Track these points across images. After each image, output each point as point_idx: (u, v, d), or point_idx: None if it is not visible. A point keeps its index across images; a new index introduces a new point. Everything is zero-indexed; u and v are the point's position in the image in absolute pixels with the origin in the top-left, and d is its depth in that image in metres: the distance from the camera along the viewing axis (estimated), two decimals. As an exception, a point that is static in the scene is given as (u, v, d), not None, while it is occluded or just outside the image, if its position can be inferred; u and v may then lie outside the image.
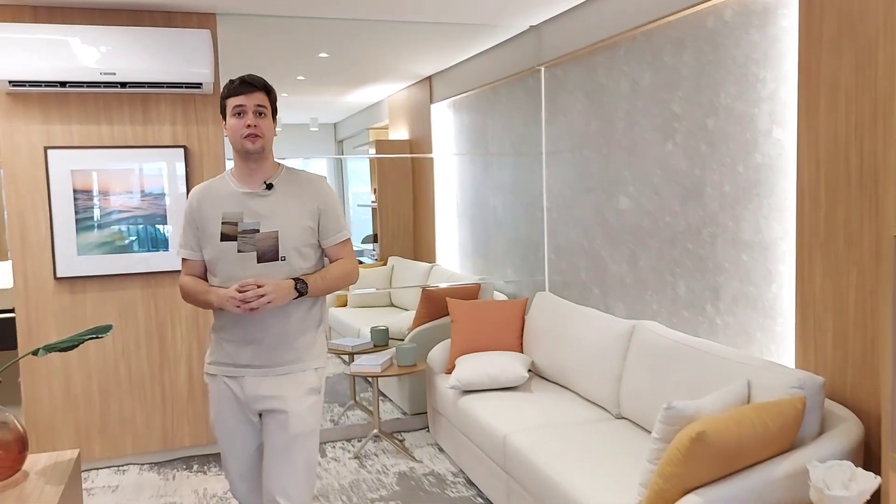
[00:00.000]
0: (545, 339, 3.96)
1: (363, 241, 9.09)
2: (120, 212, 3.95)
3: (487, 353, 4.02)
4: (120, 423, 4.04)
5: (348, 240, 2.49)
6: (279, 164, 2.49)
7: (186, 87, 3.88)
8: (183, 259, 2.52)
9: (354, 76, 6.55)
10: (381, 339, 4.73)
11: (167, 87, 3.86)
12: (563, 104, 4.44)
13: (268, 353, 2.39)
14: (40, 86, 3.67)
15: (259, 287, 2.25)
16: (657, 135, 3.56)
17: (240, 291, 2.25)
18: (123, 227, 3.96)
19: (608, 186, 3.99)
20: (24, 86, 3.65)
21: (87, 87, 3.74)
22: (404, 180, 7.26)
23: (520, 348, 4.16)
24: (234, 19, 4.16)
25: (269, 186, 2.40)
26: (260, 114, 2.35)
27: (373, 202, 7.65)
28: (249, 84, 2.36)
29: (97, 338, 2.51)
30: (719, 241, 3.18)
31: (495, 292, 5.28)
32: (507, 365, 3.76)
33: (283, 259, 2.36)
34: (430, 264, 6.15)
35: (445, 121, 6.41)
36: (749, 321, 3.03)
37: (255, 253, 2.35)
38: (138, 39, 3.74)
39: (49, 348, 2.48)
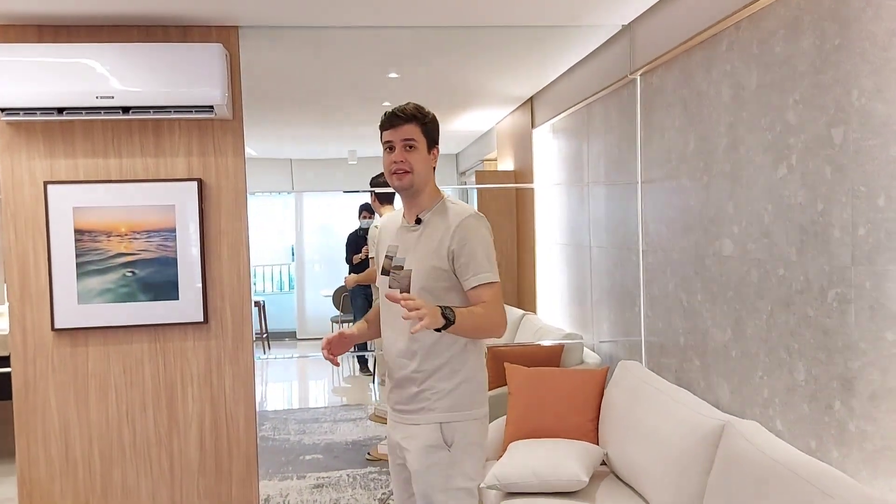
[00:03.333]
0: (621, 426, 3.02)
1: None
2: (124, 255, 3.47)
3: (547, 440, 3.13)
4: (123, 494, 3.53)
5: (490, 284, 2.22)
6: (440, 194, 2.37)
7: (196, 111, 3.35)
8: None
9: (443, 100, 5.88)
10: (437, 407, 3.94)
11: (175, 111, 3.34)
12: (659, 120, 3.49)
13: (397, 395, 2.35)
14: (35, 114, 3.27)
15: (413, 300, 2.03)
16: (767, 156, 2.56)
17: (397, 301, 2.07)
18: (128, 273, 3.47)
19: (708, 225, 3.00)
20: (19, 114, 3.27)
21: (87, 113, 3.31)
22: (507, 214, 6.46)
23: (594, 434, 3.23)
24: (260, 32, 3.61)
25: (419, 221, 2.33)
26: (409, 147, 2.28)
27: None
28: (397, 116, 2.28)
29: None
30: (853, 309, 2.14)
31: (589, 354, 4.34)
32: (564, 462, 2.86)
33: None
34: (522, 312, 5.30)
35: (547, 147, 5.57)
36: (897, 435, 1.98)
37: (399, 291, 2.25)
38: (138, 57, 3.26)
39: None
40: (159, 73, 3.28)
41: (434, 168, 2.37)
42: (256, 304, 9.61)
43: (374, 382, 7.34)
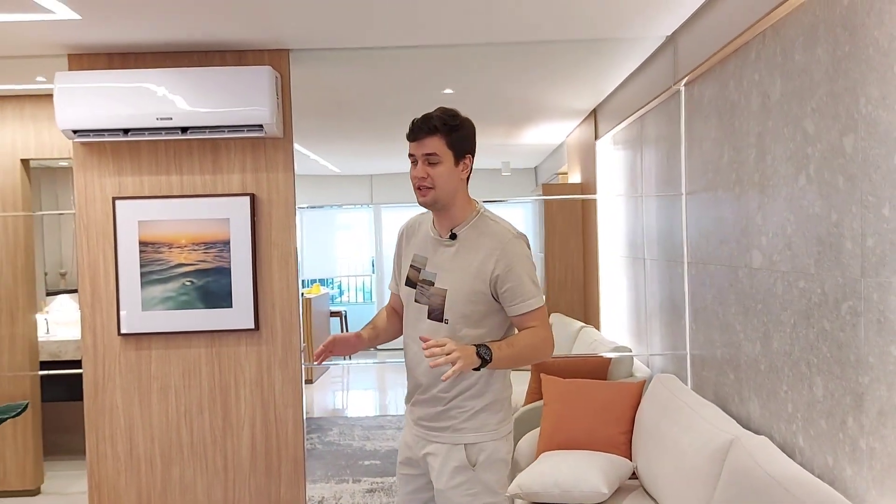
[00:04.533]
0: (649, 439, 2.99)
1: None
2: (184, 265, 3.71)
3: (577, 451, 3.14)
4: (181, 490, 3.75)
5: (538, 309, 2.13)
6: (474, 207, 2.24)
7: (248, 131, 3.56)
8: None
9: (502, 114, 5.95)
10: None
11: (228, 130, 3.56)
12: (699, 131, 3.45)
13: (421, 410, 2.25)
14: (103, 135, 3.56)
15: (444, 345, 1.96)
16: (789, 165, 2.51)
17: (423, 341, 2.02)
18: (187, 282, 3.71)
19: (740, 237, 2.95)
20: (89, 135, 3.56)
21: (149, 134, 3.57)
22: (574, 227, 6.46)
23: (627, 447, 3.21)
24: (311, 55, 3.80)
25: (453, 237, 2.21)
26: (432, 162, 2.15)
27: (539, 252, 6.91)
28: (420, 128, 2.16)
29: (7, 418, 2.18)
30: (862, 322, 2.08)
31: (640, 368, 4.29)
32: (587, 474, 2.86)
33: (446, 322, 2.15)
34: (580, 325, 5.28)
35: (609, 158, 5.55)
36: (902, 454, 1.90)
37: (427, 307, 2.20)
38: (194, 80, 3.50)
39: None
40: (213, 95, 3.51)
41: (467, 178, 2.22)
42: (338, 313, 9.91)
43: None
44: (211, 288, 3.71)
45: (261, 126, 3.55)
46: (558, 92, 5.22)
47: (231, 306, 3.71)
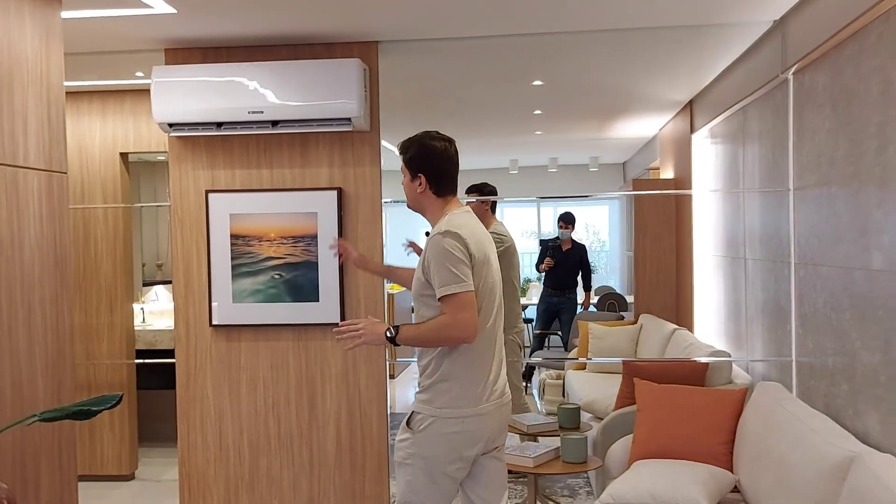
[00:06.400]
0: (753, 451, 2.80)
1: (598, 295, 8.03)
2: (273, 258, 3.73)
3: (673, 461, 2.98)
4: (267, 481, 3.78)
5: (449, 296, 2.39)
6: (443, 215, 2.55)
7: (336, 124, 3.54)
8: None
9: (594, 106, 5.78)
10: (570, 421, 3.86)
11: (317, 124, 3.55)
12: (810, 122, 3.22)
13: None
14: (198, 128, 3.61)
15: (355, 323, 2.51)
16: (918, 157, 2.29)
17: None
18: (276, 275, 3.73)
19: (857, 236, 2.72)
20: (183, 129, 3.62)
21: (241, 127, 3.60)
22: (666, 225, 6.22)
23: (728, 458, 3.02)
24: (400, 46, 3.76)
25: (427, 235, 2.62)
26: (404, 175, 2.61)
27: (628, 251, 6.67)
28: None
29: (102, 410, 2.20)
30: None
31: (740, 374, 4.07)
32: (685, 486, 2.70)
33: (413, 304, 2.65)
34: (673, 327, 5.06)
35: (705, 152, 5.30)
36: None
37: None
38: (283, 74, 3.51)
39: (46, 417, 2.22)
40: (302, 89, 3.50)
41: (423, 193, 2.56)
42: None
43: (536, 396, 7.31)
44: (298, 282, 3.72)
45: (349, 119, 3.52)
46: (653, 83, 5.01)
47: (318, 300, 3.71)
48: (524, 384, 7.31)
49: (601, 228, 10.44)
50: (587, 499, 4.18)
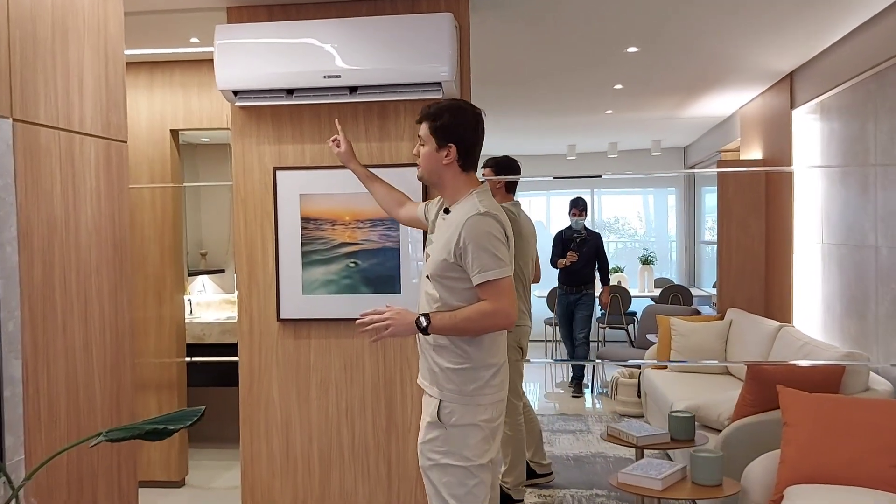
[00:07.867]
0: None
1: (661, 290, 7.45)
2: (348, 244, 3.29)
3: (839, 488, 2.49)
4: (340, 497, 3.35)
5: (490, 282, 2.28)
6: (468, 190, 2.41)
7: (423, 90, 3.08)
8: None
9: (684, 78, 5.25)
10: (685, 432, 3.38)
11: (401, 90, 3.10)
12: None
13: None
14: (266, 97, 3.16)
15: (381, 312, 2.35)
16: None
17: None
18: (351, 263, 3.28)
19: None
20: (250, 97, 3.18)
21: (315, 95, 3.15)
22: (755, 210, 5.69)
23: (901, 483, 2.53)
24: (493, 1, 3.28)
25: (447, 211, 2.46)
26: (422, 144, 2.45)
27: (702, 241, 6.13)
28: (419, 114, 2.46)
29: (180, 429, 1.77)
30: None
31: (877, 380, 3.55)
32: (870, 519, 2.21)
33: (428, 278, 2.42)
34: (778, 324, 4.55)
35: (810, 131, 4.77)
36: None
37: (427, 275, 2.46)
38: (363, 32, 3.05)
39: (113, 438, 1.79)
40: (385, 49, 3.05)
41: (450, 165, 2.40)
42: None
43: (592, 395, 6.84)
44: (377, 271, 3.27)
45: (438, 84, 3.06)
46: (754, 53, 4.50)
47: (399, 292, 3.26)
48: (573, 392, 6.80)
49: (669, 217, 9.84)
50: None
